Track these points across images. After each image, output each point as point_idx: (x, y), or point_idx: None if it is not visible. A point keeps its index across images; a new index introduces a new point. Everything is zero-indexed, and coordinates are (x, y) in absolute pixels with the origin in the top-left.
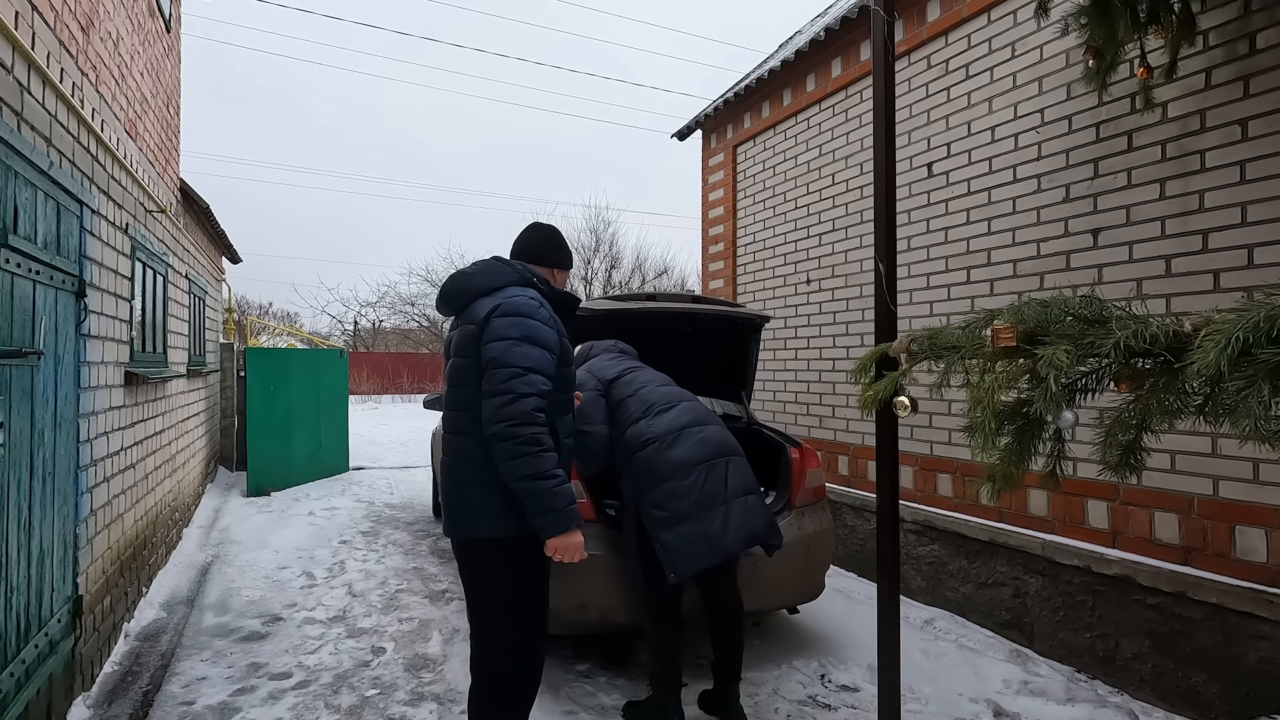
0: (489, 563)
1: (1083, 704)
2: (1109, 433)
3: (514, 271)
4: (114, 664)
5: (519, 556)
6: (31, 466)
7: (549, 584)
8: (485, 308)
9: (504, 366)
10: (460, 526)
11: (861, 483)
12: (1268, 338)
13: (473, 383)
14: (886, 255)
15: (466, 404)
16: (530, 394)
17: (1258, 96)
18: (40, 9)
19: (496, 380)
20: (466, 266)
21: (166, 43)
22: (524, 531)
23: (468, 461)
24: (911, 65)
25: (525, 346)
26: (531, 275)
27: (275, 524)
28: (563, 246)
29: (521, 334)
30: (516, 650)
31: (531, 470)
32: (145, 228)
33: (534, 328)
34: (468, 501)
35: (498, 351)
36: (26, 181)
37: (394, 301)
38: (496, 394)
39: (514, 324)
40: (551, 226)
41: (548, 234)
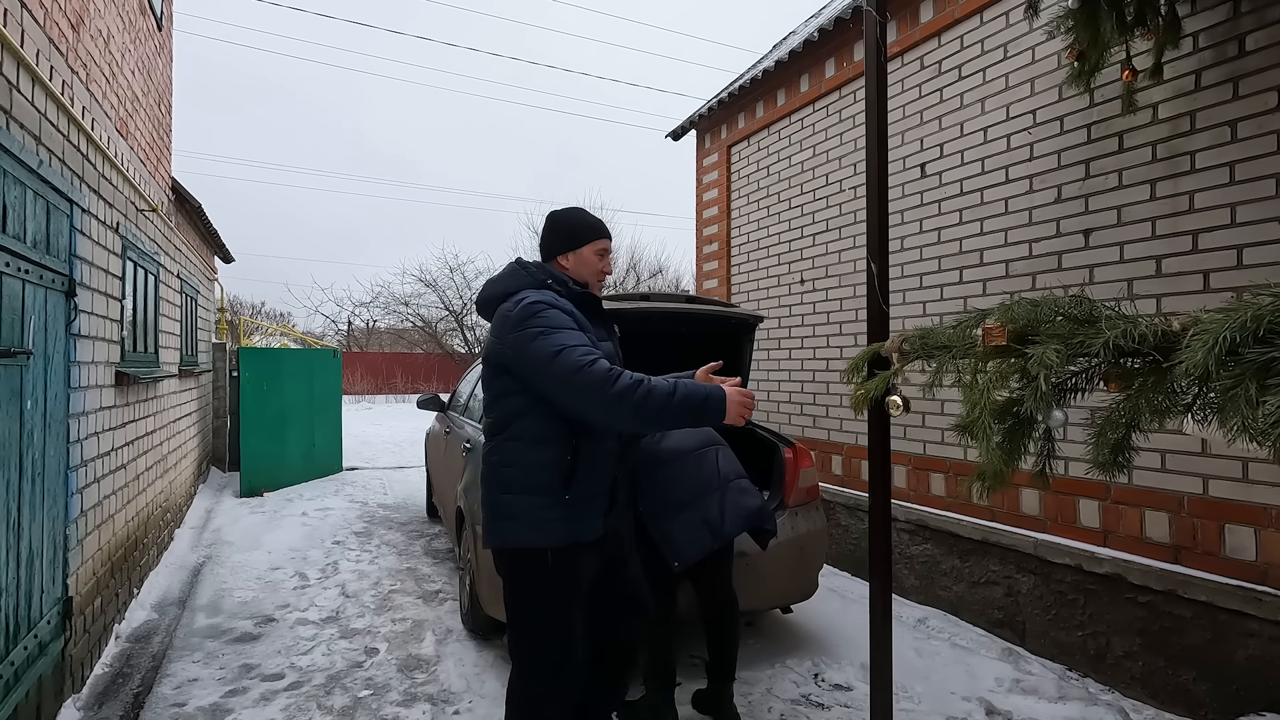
0: (516, 573)
1: (1074, 702)
2: (1099, 432)
3: (529, 275)
4: (105, 665)
5: (548, 571)
6: (20, 467)
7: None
8: (500, 316)
9: (553, 356)
10: (494, 535)
11: (855, 482)
12: (1254, 337)
13: (507, 391)
14: (879, 255)
15: (502, 412)
16: (591, 357)
17: (1247, 98)
18: (30, 6)
19: (559, 372)
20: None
21: (158, 41)
22: (559, 544)
23: (504, 468)
24: (905, 66)
25: (554, 333)
26: (547, 277)
27: (268, 525)
28: (558, 229)
29: (544, 326)
30: (530, 670)
31: (661, 399)
32: (136, 227)
33: (550, 317)
34: (503, 509)
35: (536, 352)
36: (15, 180)
37: (388, 302)
38: (570, 380)
39: (533, 322)
40: (553, 213)
41: (547, 225)
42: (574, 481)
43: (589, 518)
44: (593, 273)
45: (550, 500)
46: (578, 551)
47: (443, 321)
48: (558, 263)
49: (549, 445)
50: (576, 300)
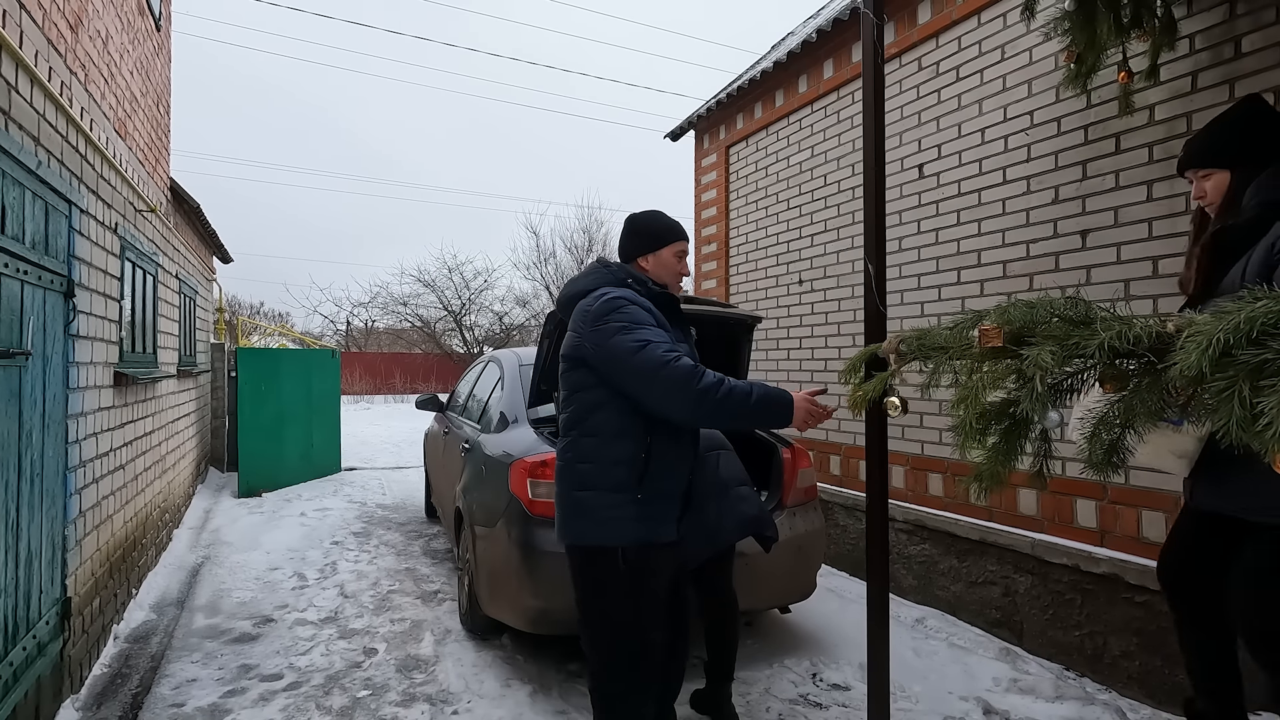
0: (587, 570)
1: (1071, 701)
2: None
3: (609, 274)
4: (103, 666)
5: (619, 570)
6: (19, 468)
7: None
8: (580, 311)
9: (635, 352)
10: (567, 531)
11: (853, 482)
12: (1248, 339)
13: (584, 386)
14: (876, 256)
15: (578, 406)
16: (674, 354)
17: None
18: (28, 7)
19: (642, 368)
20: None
21: (156, 41)
22: (631, 543)
23: (579, 464)
24: (903, 67)
25: (636, 329)
26: (627, 276)
27: (266, 525)
28: (637, 231)
29: (626, 321)
30: (605, 670)
31: (740, 400)
32: (135, 227)
33: (631, 313)
34: (576, 506)
35: (618, 346)
36: (14, 181)
37: (386, 302)
38: (654, 375)
39: (614, 318)
40: (632, 216)
41: (626, 228)
42: (646, 479)
43: (663, 519)
44: (671, 274)
45: (624, 498)
46: (651, 551)
47: (441, 321)
48: (637, 264)
49: (624, 440)
50: (656, 300)
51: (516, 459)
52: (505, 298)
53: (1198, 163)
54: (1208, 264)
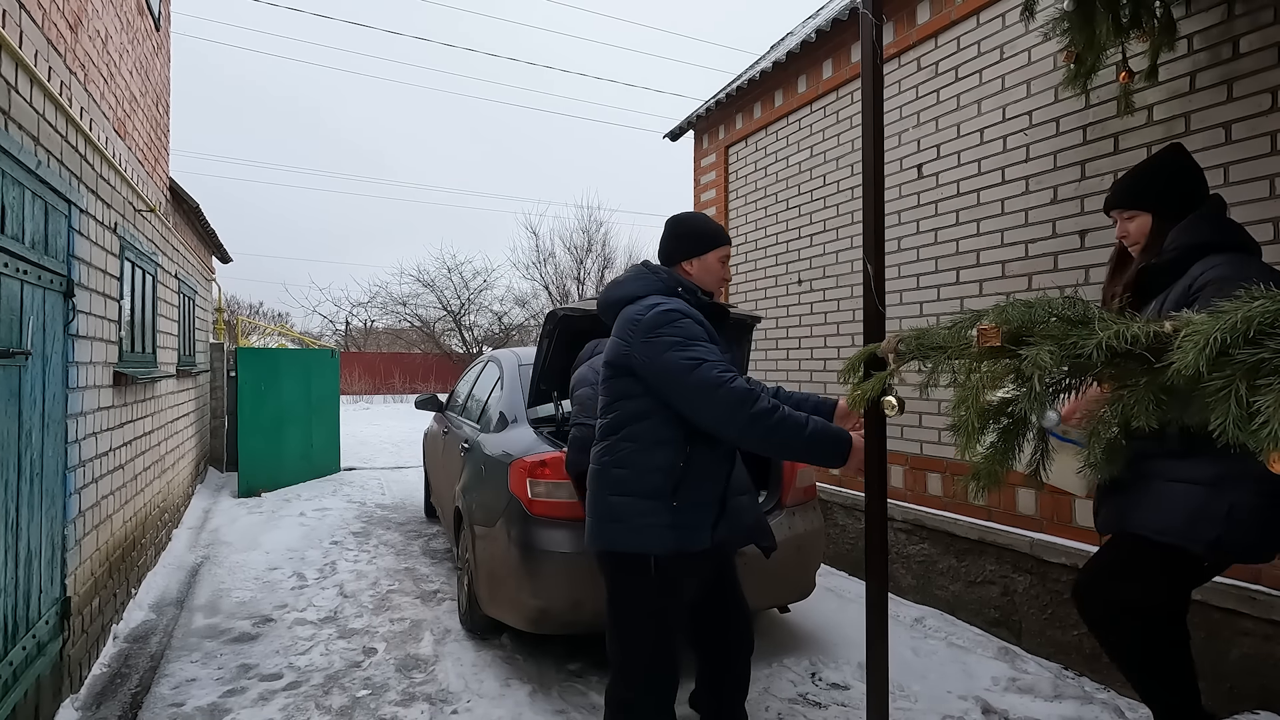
0: (618, 576)
1: (1070, 700)
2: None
3: (658, 280)
4: (103, 666)
5: (650, 578)
6: (19, 467)
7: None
8: (629, 319)
9: (690, 369)
10: (599, 537)
11: (852, 482)
12: (1244, 338)
13: (628, 394)
14: (875, 256)
15: (620, 413)
16: (730, 374)
17: (1241, 100)
18: (28, 6)
19: (696, 385)
20: (619, 275)
21: (156, 41)
22: (663, 552)
23: (615, 469)
24: (902, 67)
25: (691, 345)
26: (676, 284)
27: (266, 525)
28: (682, 234)
29: (680, 336)
30: (623, 675)
31: (792, 428)
32: (134, 227)
33: (685, 327)
34: (610, 511)
35: (671, 362)
36: (14, 181)
37: (386, 302)
38: (709, 395)
39: (669, 331)
40: (675, 217)
41: (669, 230)
42: (681, 489)
43: (697, 527)
44: (716, 280)
45: (659, 505)
46: (683, 560)
47: (440, 321)
48: (681, 268)
49: (665, 449)
50: (705, 310)
51: (516, 459)
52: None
53: (1124, 204)
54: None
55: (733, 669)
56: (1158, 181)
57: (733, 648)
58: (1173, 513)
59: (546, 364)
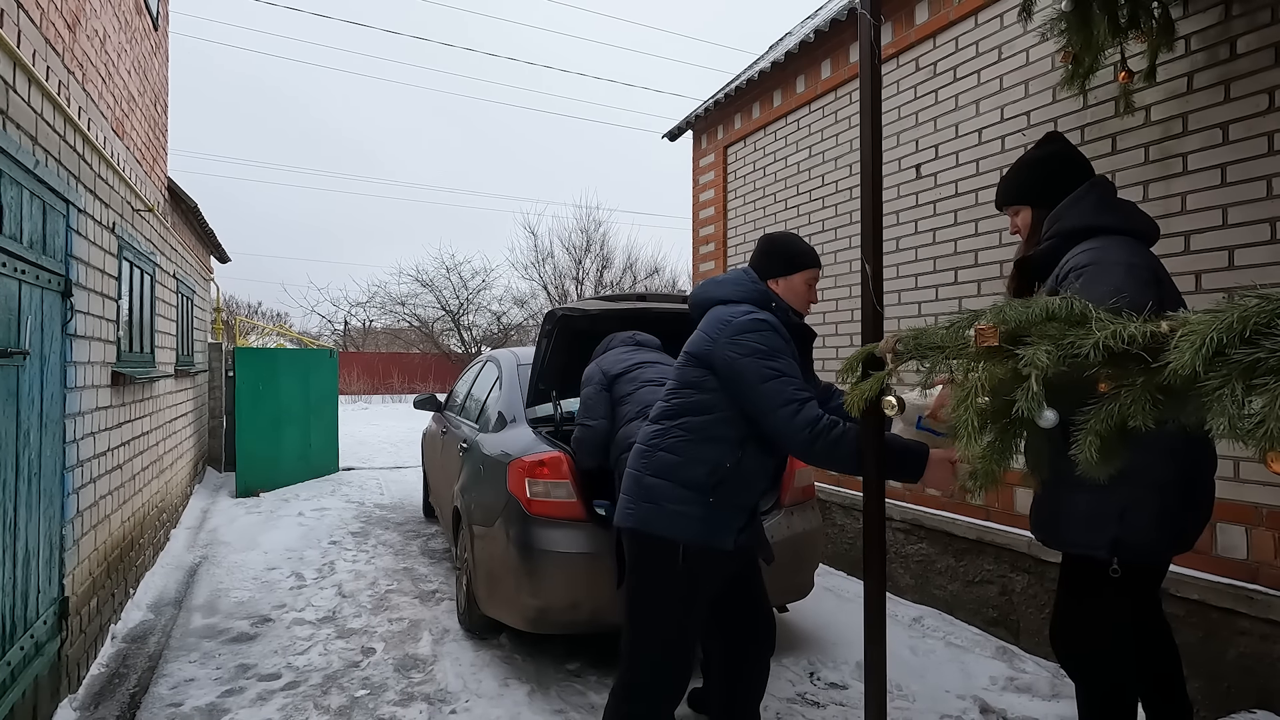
0: (642, 559)
1: (1067, 700)
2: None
3: (756, 290)
4: (101, 666)
5: (676, 565)
6: (17, 467)
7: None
8: (720, 318)
9: (769, 379)
10: (630, 515)
11: (850, 481)
12: (1241, 338)
13: (700, 386)
14: (873, 256)
15: (684, 401)
16: (808, 396)
17: (1238, 100)
18: (26, 6)
19: (770, 398)
20: (719, 275)
21: (154, 40)
22: (692, 541)
23: (663, 453)
24: (900, 67)
25: (774, 358)
26: (770, 299)
27: (264, 525)
28: (773, 253)
29: (765, 346)
30: (632, 662)
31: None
32: (132, 227)
33: (772, 340)
34: (647, 491)
35: (751, 368)
36: (12, 180)
37: (384, 301)
38: (782, 405)
39: (758, 340)
40: (769, 235)
41: (762, 246)
42: (721, 488)
43: (726, 528)
44: (801, 301)
45: (696, 497)
46: (709, 556)
47: (439, 321)
48: (768, 285)
49: (717, 446)
50: (793, 331)
51: (515, 458)
52: (503, 298)
53: (1006, 200)
54: (1014, 290)
55: (750, 670)
56: (1034, 174)
57: (751, 649)
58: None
59: (545, 364)
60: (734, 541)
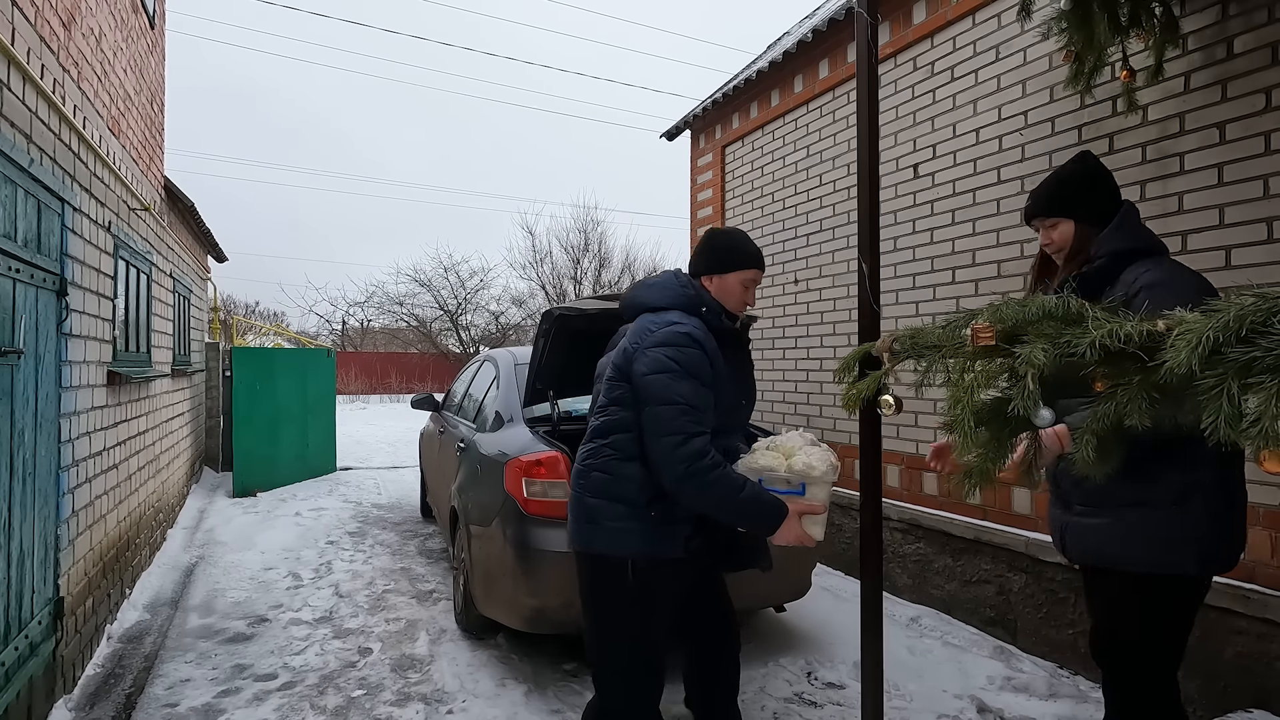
0: (593, 578)
1: (1065, 699)
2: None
3: (684, 295)
4: (96, 666)
5: (626, 581)
6: (11, 467)
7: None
8: (643, 327)
9: (667, 404)
10: (575, 537)
11: (848, 481)
12: (1237, 337)
13: (624, 402)
14: (871, 255)
15: (612, 419)
16: (699, 432)
17: (1236, 100)
18: (20, 4)
19: (664, 420)
20: (649, 276)
21: (150, 39)
22: (638, 555)
23: (596, 472)
24: (898, 67)
25: (683, 381)
26: (701, 303)
27: (261, 525)
28: (710, 248)
29: (679, 365)
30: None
31: (725, 493)
32: (129, 226)
33: (689, 358)
34: (588, 512)
35: (658, 387)
36: (6, 178)
37: (382, 301)
38: (667, 434)
39: (673, 355)
40: (711, 230)
41: (702, 241)
42: (658, 503)
43: (672, 538)
44: (736, 302)
45: (634, 512)
46: (660, 567)
47: (437, 321)
48: (702, 281)
49: (645, 464)
50: (723, 335)
51: (512, 458)
52: (501, 297)
53: (1047, 212)
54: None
55: (722, 670)
56: (1080, 188)
57: (725, 651)
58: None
59: (543, 363)
60: (685, 549)
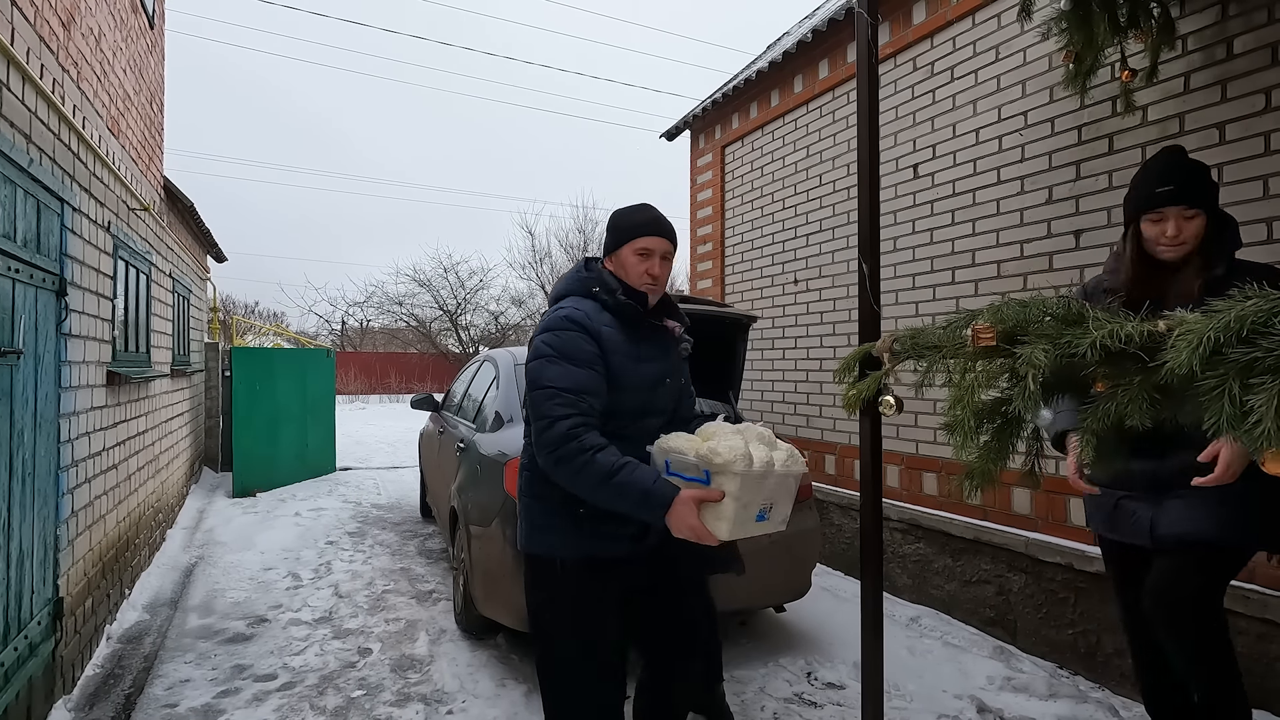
0: (531, 578)
1: (1065, 700)
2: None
3: (579, 281)
4: (96, 666)
5: (558, 582)
6: (11, 467)
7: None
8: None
9: (539, 389)
10: (519, 537)
11: (848, 481)
12: (1238, 337)
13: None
14: (871, 255)
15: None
16: (567, 415)
17: (1235, 100)
18: (20, 4)
19: (535, 404)
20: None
21: (150, 39)
22: (568, 557)
23: (526, 471)
24: (898, 67)
25: (556, 364)
26: (594, 284)
27: (261, 525)
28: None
29: (554, 350)
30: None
31: (596, 477)
32: (128, 226)
33: (566, 341)
34: (525, 511)
35: (533, 373)
36: (5, 179)
37: (381, 301)
38: (537, 419)
39: (548, 340)
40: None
41: (608, 222)
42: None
43: (613, 536)
44: (635, 277)
45: (563, 510)
46: (595, 567)
47: (437, 321)
48: (605, 263)
49: None
50: (624, 313)
51: (512, 458)
52: (501, 297)
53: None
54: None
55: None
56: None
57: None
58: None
59: None
60: (629, 549)
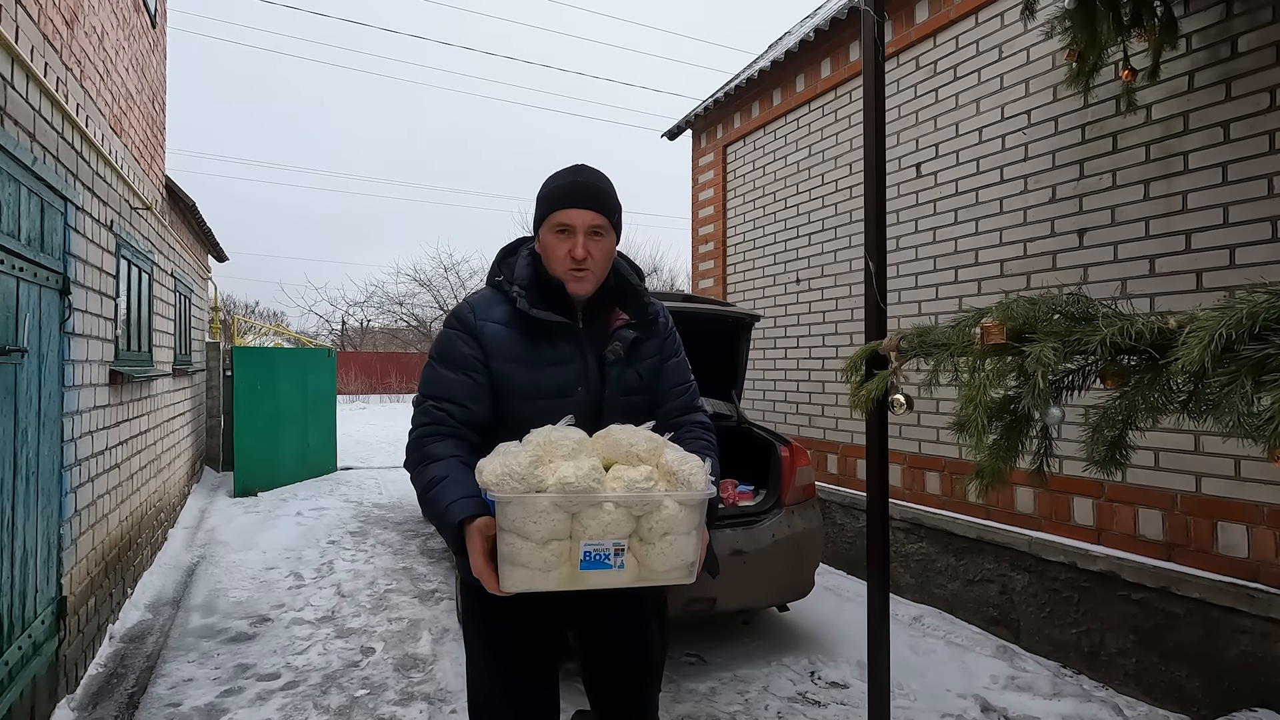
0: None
1: (1068, 699)
2: (1095, 429)
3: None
4: (99, 666)
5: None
6: (14, 466)
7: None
8: None
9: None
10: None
11: (850, 481)
12: (1250, 334)
13: None
14: (877, 253)
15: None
16: (421, 424)
17: (1239, 99)
18: (24, 3)
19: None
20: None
21: (152, 38)
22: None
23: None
24: (900, 66)
25: (430, 368)
26: (499, 272)
27: (262, 524)
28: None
29: (434, 354)
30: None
31: (419, 491)
32: (130, 225)
33: (443, 343)
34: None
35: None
36: (9, 177)
37: (382, 301)
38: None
39: (434, 344)
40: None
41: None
42: None
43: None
44: (555, 260)
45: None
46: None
47: (437, 321)
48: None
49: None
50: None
51: None
52: None
53: None
54: None
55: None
56: None
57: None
58: None
59: None
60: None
